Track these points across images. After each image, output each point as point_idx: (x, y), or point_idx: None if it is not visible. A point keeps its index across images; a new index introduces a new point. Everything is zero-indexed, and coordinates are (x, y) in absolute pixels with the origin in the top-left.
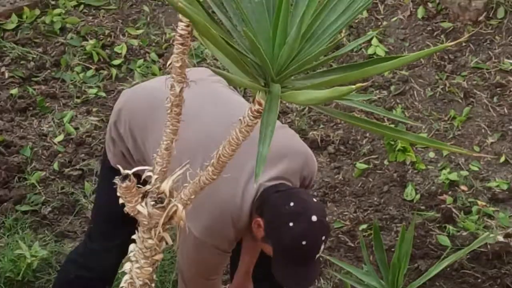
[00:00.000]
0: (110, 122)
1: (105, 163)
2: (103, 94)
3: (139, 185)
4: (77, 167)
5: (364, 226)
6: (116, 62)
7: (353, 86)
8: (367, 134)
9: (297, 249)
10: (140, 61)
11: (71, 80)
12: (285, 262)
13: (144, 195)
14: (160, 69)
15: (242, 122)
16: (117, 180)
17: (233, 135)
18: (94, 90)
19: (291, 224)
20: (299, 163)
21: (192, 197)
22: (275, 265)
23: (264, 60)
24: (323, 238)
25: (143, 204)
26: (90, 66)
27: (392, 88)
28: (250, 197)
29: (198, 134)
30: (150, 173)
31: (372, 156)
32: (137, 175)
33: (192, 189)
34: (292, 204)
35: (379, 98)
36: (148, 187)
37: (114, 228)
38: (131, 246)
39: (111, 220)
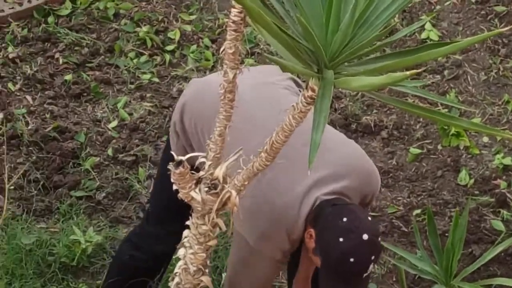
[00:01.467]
0: (175, 117)
1: (168, 151)
2: (157, 80)
3: (192, 172)
4: (131, 152)
5: (418, 211)
6: (170, 47)
7: (407, 73)
8: (421, 119)
9: (344, 265)
10: (193, 47)
11: (125, 66)
12: (331, 276)
13: (198, 182)
14: (213, 54)
15: (296, 108)
16: (170, 166)
17: (286, 122)
18: (148, 76)
19: (341, 239)
20: (360, 182)
21: (246, 183)
22: (321, 277)
23: (317, 46)
24: (373, 258)
25: (197, 190)
26: (144, 52)
27: (445, 72)
28: (307, 209)
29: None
30: (203, 159)
31: (426, 141)
32: (192, 164)
33: (245, 175)
34: (345, 219)
35: (432, 82)
36: (201, 173)
37: (171, 216)
38: (185, 232)
39: (170, 207)
